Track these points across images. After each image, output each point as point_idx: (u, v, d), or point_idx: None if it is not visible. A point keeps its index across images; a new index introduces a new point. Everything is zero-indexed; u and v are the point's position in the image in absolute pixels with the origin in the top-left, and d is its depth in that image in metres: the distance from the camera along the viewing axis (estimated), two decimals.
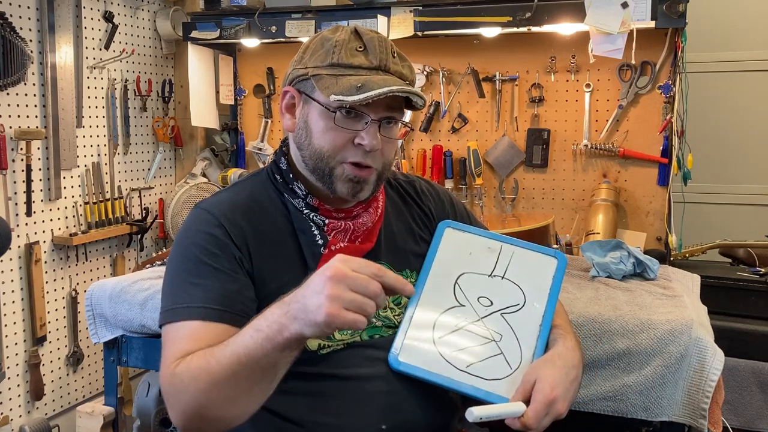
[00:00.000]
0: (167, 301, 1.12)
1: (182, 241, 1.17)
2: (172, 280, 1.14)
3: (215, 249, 1.13)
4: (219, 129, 2.82)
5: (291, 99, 1.22)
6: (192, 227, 1.17)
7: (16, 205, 2.14)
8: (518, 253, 1.31)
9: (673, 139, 2.23)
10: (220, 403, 0.98)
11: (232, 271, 1.13)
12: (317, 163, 1.17)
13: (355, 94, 1.09)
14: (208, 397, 0.98)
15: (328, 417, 1.13)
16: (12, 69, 2.07)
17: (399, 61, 1.18)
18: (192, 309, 1.08)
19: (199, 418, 1.00)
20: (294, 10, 2.43)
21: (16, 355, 2.17)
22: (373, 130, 1.14)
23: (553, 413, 1.08)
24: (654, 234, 2.33)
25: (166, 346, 1.07)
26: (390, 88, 1.10)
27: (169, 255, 1.19)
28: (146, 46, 2.69)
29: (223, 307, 1.09)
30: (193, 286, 1.10)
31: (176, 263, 1.16)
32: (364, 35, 1.16)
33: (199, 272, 1.11)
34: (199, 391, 0.98)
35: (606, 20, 2.05)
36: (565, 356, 1.16)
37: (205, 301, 1.08)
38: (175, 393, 1.01)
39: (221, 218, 1.16)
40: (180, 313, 1.08)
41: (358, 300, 0.91)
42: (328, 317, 0.90)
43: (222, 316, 1.08)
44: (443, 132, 2.55)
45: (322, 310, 0.90)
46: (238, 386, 0.98)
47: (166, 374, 1.03)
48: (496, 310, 1.24)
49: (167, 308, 1.11)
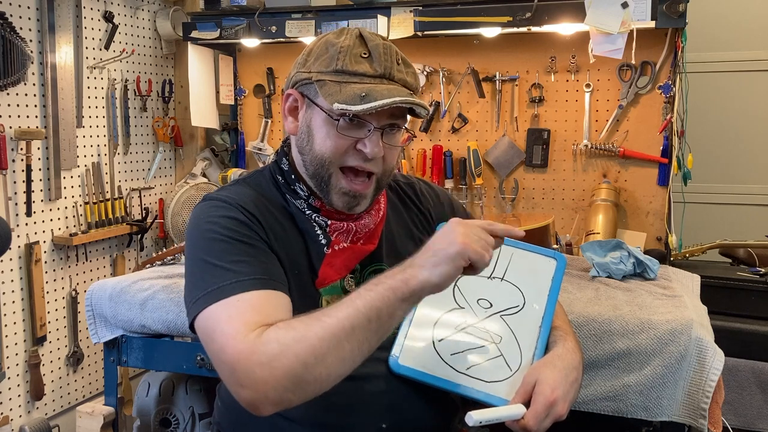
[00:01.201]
0: (206, 283, 1.05)
1: (205, 227, 1.12)
2: (205, 263, 1.08)
3: (244, 230, 1.11)
4: (219, 129, 2.82)
5: (294, 102, 1.21)
6: (212, 214, 1.14)
7: (16, 205, 2.14)
8: (517, 255, 1.31)
9: (673, 139, 2.23)
10: (328, 362, 0.95)
11: (265, 249, 1.12)
12: (317, 169, 1.17)
13: (359, 104, 1.09)
14: (318, 355, 0.94)
15: (328, 416, 1.13)
16: (12, 69, 2.06)
17: (404, 68, 1.17)
18: (243, 282, 1.04)
19: (298, 384, 0.95)
20: (294, 10, 2.43)
21: (16, 355, 2.17)
22: (375, 138, 1.13)
23: (553, 415, 1.08)
24: (654, 234, 2.33)
25: (225, 324, 1.00)
26: (394, 99, 1.09)
27: (190, 245, 1.14)
28: (146, 46, 2.69)
29: (271, 277, 1.07)
30: (234, 263, 1.06)
31: (205, 248, 1.10)
32: (369, 41, 1.15)
33: (236, 250, 1.08)
34: (309, 350, 0.94)
35: (606, 20, 2.05)
36: (566, 358, 1.16)
37: (253, 273, 1.05)
38: (270, 360, 0.94)
39: (238, 206, 1.14)
40: (227, 290, 1.03)
41: (483, 237, 1.04)
42: (462, 246, 1.00)
43: (275, 284, 1.06)
44: (443, 132, 2.55)
45: (457, 242, 1.00)
46: (354, 339, 0.96)
47: (242, 348, 0.96)
48: (495, 311, 1.24)
49: (209, 290, 1.04)
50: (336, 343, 0.95)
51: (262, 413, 0.97)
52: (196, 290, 1.06)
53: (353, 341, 0.97)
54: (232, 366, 0.97)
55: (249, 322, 0.98)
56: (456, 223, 1.06)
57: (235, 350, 0.96)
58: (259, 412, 0.97)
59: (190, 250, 1.13)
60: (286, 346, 0.94)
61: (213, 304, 1.02)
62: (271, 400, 0.96)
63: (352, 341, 0.96)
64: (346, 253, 1.20)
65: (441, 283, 1.00)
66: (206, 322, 1.03)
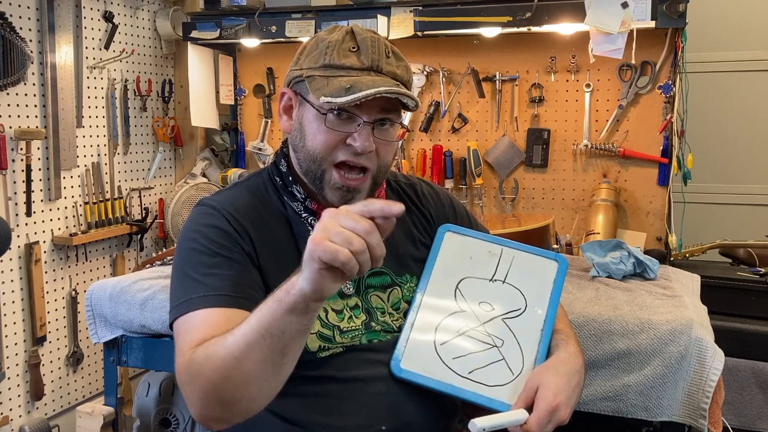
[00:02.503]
0: (179, 294, 1.09)
1: (190, 235, 1.14)
2: (182, 274, 1.11)
3: (225, 241, 1.12)
4: (219, 129, 2.82)
5: (288, 101, 1.21)
6: (199, 222, 1.15)
7: (16, 205, 2.14)
8: (519, 257, 1.30)
9: (673, 139, 2.23)
10: (234, 382, 0.95)
11: (243, 262, 1.12)
12: (310, 166, 1.16)
13: (344, 96, 1.08)
14: (223, 376, 0.94)
15: (329, 418, 1.13)
16: (12, 69, 2.06)
17: (394, 61, 1.16)
18: (208, 297, 1.05)
19: (216, 403, 0.96)
20: (294, 10, 2.42)
21: (16, 355, 2.17)
22: (365, 132, 1.12)
23: (555, 420, 1.08)
24: (654, 234, 2.33)
25: (181, 338, 1.04)
26: (378, 89, 1.07)
27: (176, 252, 1.16)
28: (146, 46, 2.69)
29: (238, 294, 1.07)
30: (206, 276, 1.08)
31: (185, 258, 1.13)
32: (359, 35, 1.14)
33: (212, 263, 1.09)
34: (214, 370, 0.95)
35: (606, 20, 2.05)
36: (568, 362, 1.16)
37: (220, 289, 1.06)
38: (191, 379, 0.97)
39: (227, 214, 1.15)
40: (195, 303, 1.05)
41: (344, 233, 0.85)
42: (311, 246, 0.86)
43: (238, 301, 1.06)
44: (443, 132, 2.55)
45: (311, 241, 0.86)
46: (250, 358, 0.93)
47: (181, 363, 1.00)
48: (497, 315, 1.24)
49: (180, 301, 1.07)
50: (235, 363, 0.94)
51: (212, 429, 1.02)
52: (173, 298, 1.11)
53: (252, 359, 0.93)
54: (178, 380, 1.02)
55: (193, 341, 1.01)
56: (322, 217, 0.90)
57: (178, 366, 1.01)
58: (207, 426, 1.01)
59: (175, 256, 1.17)
60: (199, 366, 0.97)
61: (182, 315, 1.06)
62: (207, 417, 0.99)
63: (251, 359, 0.93)
64: None
65: (314, 289, 0.88)
66: (174, 332, 1.08)
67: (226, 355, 0.94)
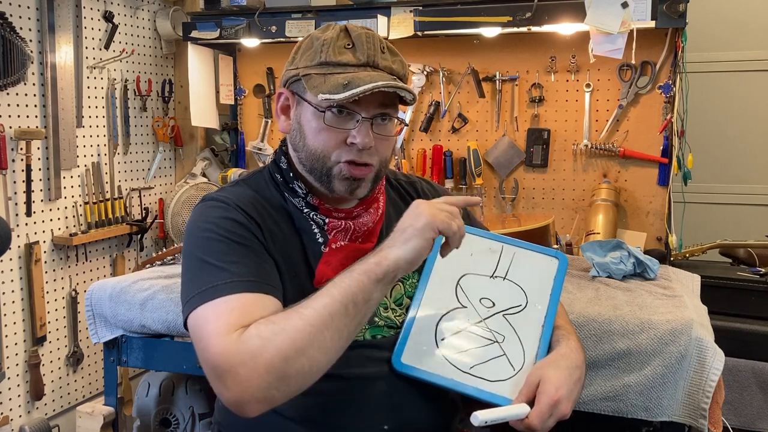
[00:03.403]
0: (200, 282, 1.05)
1: (203, 227, 1.12)
2: (201, 262, 1.08)
3: (242, 231, 1.11)
4: (219, 129, 2.82)
5: (285, 101, 1.21)
6: (211, 215, 1.14)
7: (16, 205, 2.14)
8: (519, 254, 1.31)
9: (673, 139, 2.23)
10: (309, 353, 0.95)
11: (260, 251, 1.11)
12: (314, 164, 1.16)
13: (342, 92, 1.08)
14: (298, 348, 0.95)
15: (331, 417, 1.13)
16: (12, 69, 2.06)
17: (389, 56, 1.16)
18: (235, 283, 1.03)
19: (277, 378, 0.95)
20: (294, 10, 2.43)
21: (16, 355, 2.17)
22: (365, 128, 1.12)
23: (557, 414, 1.08)
24: (654, 234, 2.33)
25: (211, 323, 1.00)
26: (375, 84, 1.08)
27: (188, 244, 1.14)
28: (146, 46, 2.69)
29: (263, 280, 1.06)
30: (229, 263, 1.06)
31: (202, 247, 1.10)
32: (353, 32, 1.15)
33: (232, 251, 1.08)
34: (290, 343, 0.94)
35: (606, 20, 2.05)
36: (569, 357, 1.16)
37: (246, 275, 1.05)
38: (250, 358, 0.94)
39: (237, 207, 1.14)
40: (221, 290, 1.03)
41: (447, 209, 1.08)
42: (428, 217, 1.04)
43: (264, 287, 1.05)
44: (443, 132, 2.55)
45: (423, 215, 1.05)
46: (332, 327, 0.97)
47: (224, 346, 0.96)
48: (498, 311, 1.24)
49: (203, 288, 1.04)
50: (316, 334, 0.96)
51: (247, 414, 0.97)
52: (191, 288, 1.06)
53: (332, 330, 0.98)
54: (215, 365, 0.97)
55: (233, 323, 0.98)
56: (419, 202, 1.10)
57: (217, 350, 0.97)
58: (244, 412, 0.97)
59: (188, 248, 1.13)
60: (266, 340, 0.95)
61: (205, 303, 1.02)
62: (256, 399, 0.95)
63: (331, 329, 0.98)
64: (343, 252, 1.20)
65: (413, 258, 1.04)
66: (196, 321, 1.03)
67: (304, 326, 0.96)
